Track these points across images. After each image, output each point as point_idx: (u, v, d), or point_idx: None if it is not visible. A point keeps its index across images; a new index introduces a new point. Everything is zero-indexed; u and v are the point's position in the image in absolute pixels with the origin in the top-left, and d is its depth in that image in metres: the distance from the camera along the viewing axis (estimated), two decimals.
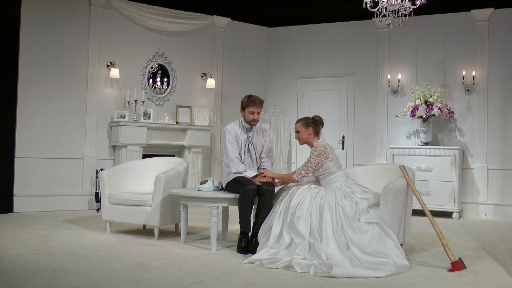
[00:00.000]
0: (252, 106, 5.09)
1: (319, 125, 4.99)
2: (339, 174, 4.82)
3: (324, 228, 4.43)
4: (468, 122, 8.22)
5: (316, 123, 4.96)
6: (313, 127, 4.95)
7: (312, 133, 4.95)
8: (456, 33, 8.38)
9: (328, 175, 4.82)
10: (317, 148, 4.82)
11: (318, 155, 4.77)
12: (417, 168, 7.90)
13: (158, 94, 8.63)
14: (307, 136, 4.95)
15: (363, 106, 9.04)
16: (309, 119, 5.00)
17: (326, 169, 4.81)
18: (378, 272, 4.06)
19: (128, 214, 5.64)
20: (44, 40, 7.64)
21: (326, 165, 4.81)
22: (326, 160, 4.79)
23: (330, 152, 4.83)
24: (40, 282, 3.69)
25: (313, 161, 4.77)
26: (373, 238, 4.39)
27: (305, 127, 4.95)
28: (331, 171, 4.81)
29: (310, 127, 4.94)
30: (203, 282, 3.80)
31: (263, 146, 5.27)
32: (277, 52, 9.71)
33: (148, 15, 8.45)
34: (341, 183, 4.77)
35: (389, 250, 4.33)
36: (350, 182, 4.82)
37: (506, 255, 4.99)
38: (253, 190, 4.85)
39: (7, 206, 7.26)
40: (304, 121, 4.99)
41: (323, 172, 4.83)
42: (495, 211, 7.96)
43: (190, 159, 8.50)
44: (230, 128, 5.20)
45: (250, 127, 5.21)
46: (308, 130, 4.94)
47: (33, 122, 7.55)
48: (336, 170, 4.82)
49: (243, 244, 4.86)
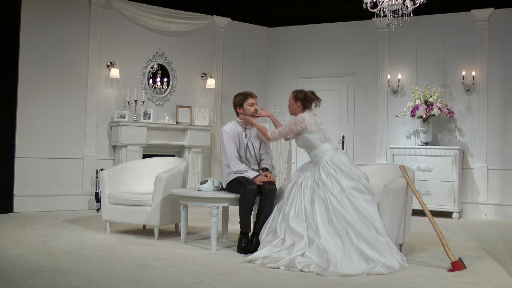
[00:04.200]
0: (250, 98, 5.23)
1: (310, 102, 4.94)
2: (324, 148, 4.77)
3: (318, 222, 4.47)
4: (468, 122, 8.22)
5: (306, 99, 4.94)
6: (302, 102, 4.93)
7: (300, 107, 4.94)
8: (456, 33, 8.38)
9: (312, 149, 4.81)
10: (299, 117, 4.84)
11: (295, 123, 4.81)
12: (417, 168, 7.90)
13: (158, 94, 8.63)
14: (295, 108, 4.97)
15: (363, 106, 9.04)
16: (301, 93, 4.97)
17: (307, 141, 4.81)
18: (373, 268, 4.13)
19: (128, 214, 5.64)
20: (44, 40, 7.64)
21: (305, 137, 4.81)
22: (304, 131, 4.79)
23: (310, 125, 4.79)
24: (40, 282, 3.69)
25: (288, 127, 4.85)
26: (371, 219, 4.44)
27: (294, 100, 4.98)
28: (312, 143, 4.79)
29: (298, 101, 4.95)
30: (203, 282, 3.80)
31: (262, 141, 5.30)
32: (277, 52, 9.71)
33: (148, 15, 8.45)
34: (328, 159, 4.71)
35: (380, 248, 4.33)
36: (336, 159, 4.71)
37: (506, 255, 4.99)
38: (254, 190, 4.85)
39: (7, 206, 7.25)
40: (296, 94, 4.99)
41: (305, 145, 4.84)
42: (495, 211, 7.96)
43: (190, 159, 8.50)
44: (227, 128, 5.24)
45: (247, 124, 5.26)
46: (296, 104, 4.96)
47: (33, 122, 7.55)
48: (319, 143, 4.78)
49: (243, 244, 4.87)
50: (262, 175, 5.00)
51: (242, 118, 5.22)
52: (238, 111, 5.27)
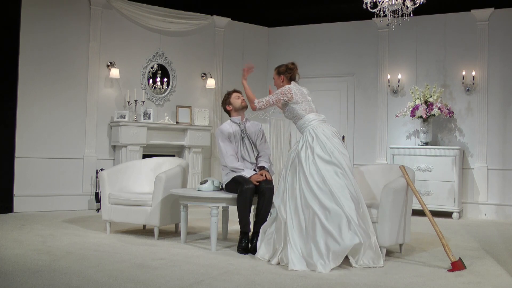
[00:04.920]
0: (234, 93, 5.41)
1: (293, 73, 5.02)
2: (309, 118, 4.81)
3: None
4: (468, 122, 8.22)
5: (287, 71, 5.01)
6: (285, 75, 5.01)
7: (285, 80, 5.02)
8: (456, 33, 8.38)
9: (297, 119, 4.85)
10: (285, 87, 4.89)
11: (281, 93, 4.86)
12: (417, 168, 7.90)
13: (158, 94, 8.63)
14: (280, 83, 5.03)
15: (363, 106, 9.04)
16: (282, 67, 5.06)
17: (293, 111, 4.86)
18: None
19: (128, 214, 5.64)
20: (44, 40, 7.64)
21: (291, 108, 4.85)
22: (290, 102, 4.84)
23: (296, 95, 4.85)
24: (40, 282, 3.69)
25: (274, 96, 4.89)
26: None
27: (278, 75, 5.05)
28: (298, 114, 4.84)
29: (281, 75, 5.02)
30: (203, 282, 3.80)
31: (258, 134, 5.35)
32: (277, 52, 9.71)
33: (148, 15, 8.45)
34: (311, 129, 4.74)
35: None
36: (319, 131, 4.71)
37: (506, 255, 4.99)
38: (251, 189, 4.86)
39: (7, 206, 7.25)
40: (277, 69, 5.07)
41: (291, 115, 4.89)
42: (495, 211, 7.96)
43: (190, 159, 8.50)
44: (222, 127, 5.34)
45: (241, 120, 5.33)
46: (280, 78, 5.03)
47: (33, 122, 7.55)
48: (304, 113, 4.83)
49: (243, 244, 4.87)
50: (258, 174, 5.02)
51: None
52: (228, 109, 5.41)
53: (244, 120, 5.37)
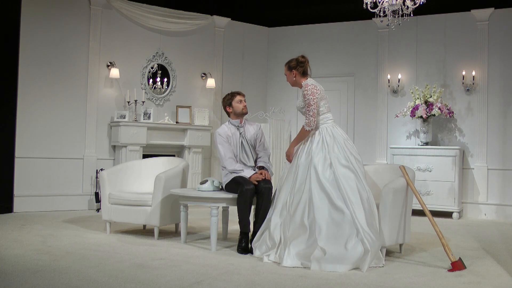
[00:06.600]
0: (237, 96, 5.30)
1: (304, 65, 4.90)
2: (327, 116, 4.79)
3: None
4: (468, 122, 8.22)
5: (299, 64, 4.90)
6: (296, 69, 4.90)
7: (297, 75, 4.90)
8: (456, 33, 8.37)
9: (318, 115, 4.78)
10: (307, 87, 4.76)
11: (312, 94, 4.71)
12: (417, 168, 7.90)
13: (158, 94, 8.63)
14: (293, 78, 4.92)
15: (363, 106, 9.04)
16: (292, 61, 4.94)
17: (318, 108, 4.77)
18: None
19: (128, 214, 5.64)
20: (44, 40, 7.64)
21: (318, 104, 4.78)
22: (320, 99, 4.75)
23: (322, 90, 4.81)
24: (40, 282, 3.69)
25: (312, 102, 4.70)
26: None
27: (289, 71, 4.94)
28: (320, 110, 4.77)
29: (293, 69, 4.91)
30: (203, 282, 3.80)
31: (256, 136, 5.30)
32: (277, 52, 9.71)
33: (148, 15, 8.45)
34: (327, 127, 4.73)
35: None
36: (336, 131, 4.74)
37: (506, 255, 4.99)
38: (251, 190, 4.86)
39: (7, 206, 7.25)
40: (288, 65, 4.96)
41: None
42: (495, 211, 7.95)
43: (190, 159, 8.50)
44: (221, 130, 5.28)
45: (240, 123, 5.27)
46: (292, 73, 4.92)
47: (33, 122, 7.55)
48: (326, 110, 4.80)
49: (243, 244, 4.87)
50: (257, 173, 5.02)
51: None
52: (228, 110, 5.33)
53: (242, 123, 5.32)
